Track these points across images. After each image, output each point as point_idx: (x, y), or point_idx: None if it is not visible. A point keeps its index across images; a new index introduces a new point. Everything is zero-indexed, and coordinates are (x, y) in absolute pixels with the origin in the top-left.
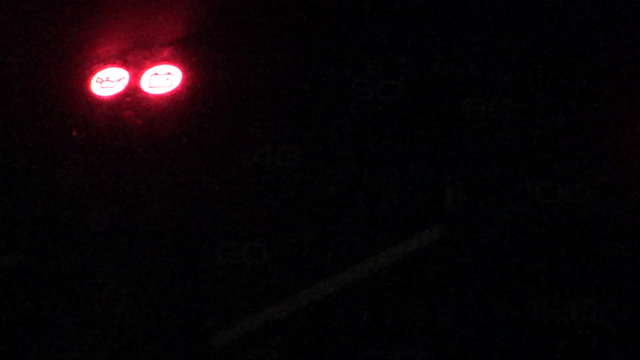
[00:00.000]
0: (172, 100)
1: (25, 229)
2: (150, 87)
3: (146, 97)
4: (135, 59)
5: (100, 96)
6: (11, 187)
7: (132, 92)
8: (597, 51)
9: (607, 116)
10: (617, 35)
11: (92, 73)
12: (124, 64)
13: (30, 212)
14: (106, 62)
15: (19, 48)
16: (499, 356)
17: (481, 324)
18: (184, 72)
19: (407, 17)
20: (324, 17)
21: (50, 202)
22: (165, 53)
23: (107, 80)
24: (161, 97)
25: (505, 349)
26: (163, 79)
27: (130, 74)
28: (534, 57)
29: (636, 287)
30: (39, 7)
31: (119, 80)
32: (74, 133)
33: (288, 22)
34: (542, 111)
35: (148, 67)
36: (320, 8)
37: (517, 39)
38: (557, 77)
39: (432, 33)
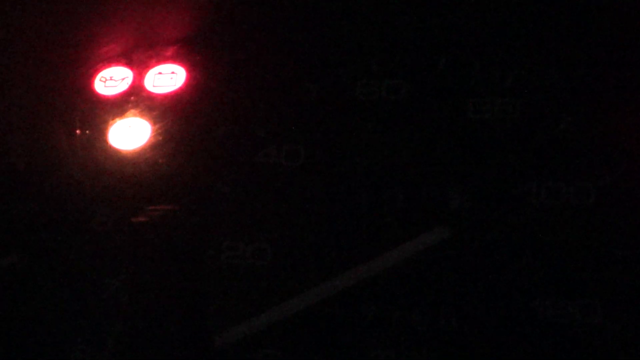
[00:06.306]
0: (176, 99)
1: (27, 228)
2: (154, 86)
3: (150, 96)
4: (139, 58)
5: (104, 95)
6: (14, 187)
7: (136, 91)
8: (603, 51)
9: (613, 117)
10: (621, 35)
11: (96, 72)
12: (128, 63)
13: (33, 212)
14: (110, 61)
15: (23, 47)
16: (503, 356)
17: (485, 324)
18: (188, 71)
19: (412, 16)
20: (329, 17)
21: (53, 201)
22: (169, 52)
23: (111, 79)
24: (165, 96)
25: (510, 348)
26: (167, 78)
27: (134, 73)
28: (540, 56)
29: None
30: (42, 6)
31: (123, 79)
32: (78, 132)
33: (293, 22)
34: (547, 111)
35: (152, 66)
36: (325, 7)
37: (522, 38)
38: (563, 77)
39: (437, 32)
